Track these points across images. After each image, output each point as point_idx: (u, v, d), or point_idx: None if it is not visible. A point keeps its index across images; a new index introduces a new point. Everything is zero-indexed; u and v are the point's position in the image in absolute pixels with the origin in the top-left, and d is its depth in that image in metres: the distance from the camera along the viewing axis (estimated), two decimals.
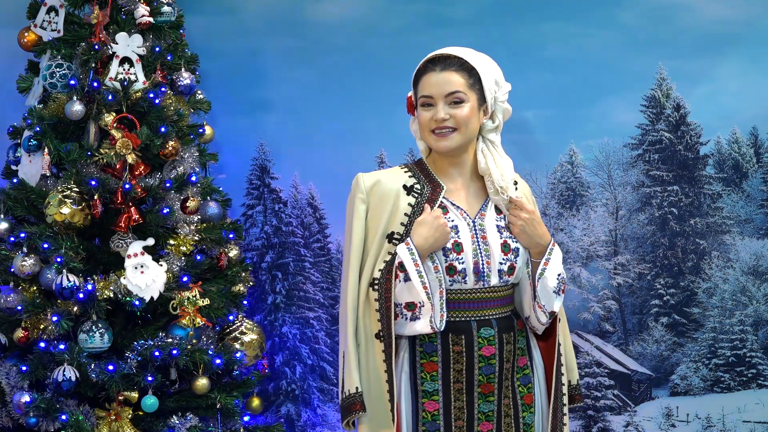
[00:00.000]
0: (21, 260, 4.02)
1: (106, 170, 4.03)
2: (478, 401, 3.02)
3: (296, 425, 4.93)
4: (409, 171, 3.12)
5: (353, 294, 3.01)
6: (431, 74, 3.02)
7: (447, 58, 3.03)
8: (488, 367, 3.02)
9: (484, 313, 3.03)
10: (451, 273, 3.00)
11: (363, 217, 3.05)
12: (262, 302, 4.96)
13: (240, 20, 4.89)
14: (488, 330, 3.02)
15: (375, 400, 2.97)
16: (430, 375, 3.02)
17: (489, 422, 3.03)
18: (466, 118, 3.01)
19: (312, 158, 4.91)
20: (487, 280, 3.03)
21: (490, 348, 3.02)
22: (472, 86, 3.02)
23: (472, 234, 3.04)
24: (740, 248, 4.85)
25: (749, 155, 4.87)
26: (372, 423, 2.98)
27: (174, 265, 4.07)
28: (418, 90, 3.06)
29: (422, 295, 2.93)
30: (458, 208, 3.07)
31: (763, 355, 4.82)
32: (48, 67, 4.14)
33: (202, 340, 4.12)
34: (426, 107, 3.02)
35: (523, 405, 3.09)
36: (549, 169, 4.89)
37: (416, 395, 3.03)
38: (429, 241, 2.97)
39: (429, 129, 3.02)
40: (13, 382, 4.03)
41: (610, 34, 4.81)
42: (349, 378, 2.98)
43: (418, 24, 4.83)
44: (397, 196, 3.05)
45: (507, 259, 3.04)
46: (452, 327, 3.01)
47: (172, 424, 4.00)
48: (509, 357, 3.05)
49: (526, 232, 3.04)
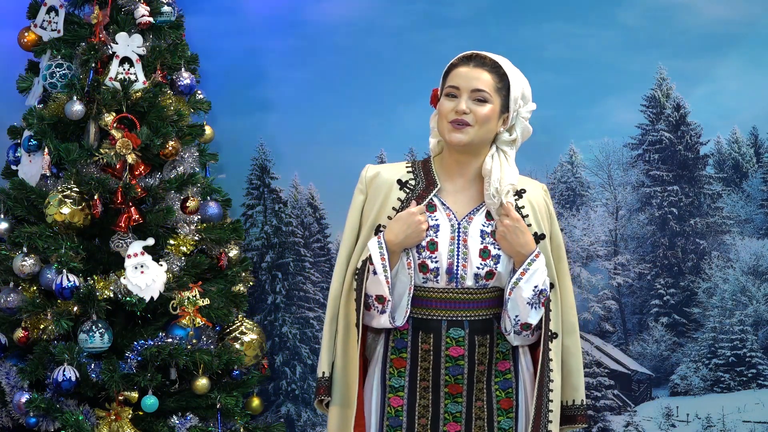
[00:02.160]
0: (21, 260, 4.02)
1: (106, 170, 4.04)
2: (444, 401, 3.02)
3: (296, 425, 4.93)
4: (412, 167, 3.13)
5: (337, 282, 3.08)
6: (463, 67, 3.03)
7: (483, 58, 3.05)
8: (456, 368, 3.01)
9: (456, 313, 3.02)
10: (424, 270, 3.01)
11: (359, 208, 3.09)
12: (262, 302, 4.96)
13: (240, 20, 4.89)
14: (458, 331, 3.02)
15: (347, 386, 3.03)
16: (398, 371, 3.04)
17: (457, 423, 3.02)
18: (486, 117, 3.00)
19: (312, 158, 4.91)
20: (460, 281, 3.02)
21: (459, 349, 3.01)
22: (498, 90, 3.02)
23: (452, 235, 3.03)
24: (740, 248, 4.85)
25: (749, 155, 4.86)
26: (341, 407, 3.03)
27: (174, 265, 4.08)
28: (446, 81, 3.06)
29: (385, 289, 2.96)
30: (447, 209, 3.06)
31: (763, 355, 4.82)
32: (48, 67, 4.14)
33: (202, 340, 4.12)
34: (450, 97, 3.02)
35: (499, 409, 3.05)
36: (549, 169, 4.89)
37: (384, 390, 3.05)
38: (399, 237, 2.98)
39: (447, 119, 3.01)
40: (13, 382, 4.04)
41: (610, 34, 4.81)
42: (320, 363, 3.08)
43: (418, 24, 4.83)
44: (389, 189, 3.07)
45: (485, 264, 3.02)
46: (422, 325, 3.02)
47: (172, 424, 4.00)
48: (482, 359, 3.03)
49: (506, 239, 3.01)
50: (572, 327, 3.15)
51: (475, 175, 3.09)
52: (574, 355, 3.15)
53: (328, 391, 3.05)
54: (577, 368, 3.16)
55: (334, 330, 3.08)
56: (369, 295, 3.01)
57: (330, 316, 3.08)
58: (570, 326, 3.14)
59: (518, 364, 3.10)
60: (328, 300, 3.10)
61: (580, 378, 3.18)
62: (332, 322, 3.08)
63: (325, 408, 3.09)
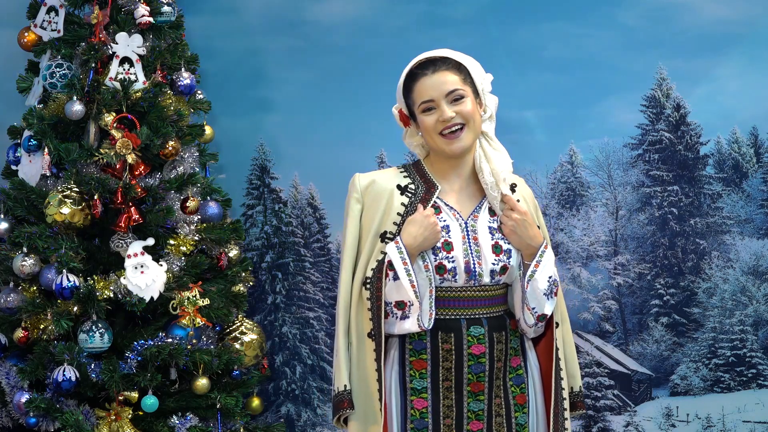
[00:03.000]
0: (21, 260, 4.02)
1: (106, 170, 4.04)
2: (467, 400, 3.02)
3: (296, 425, 4.93)
4: (405, 171, 3.13)
5: (346, 293, 3.05)
6: (424, 79, 3.03)
7: (434, 61, 3.05)
8: (478, 366, 3.02)
9: (474, 311, 3.03)
10: (441, 272, 3.01)
11: (357, 217, 3.08)
12: (262, 302, 4.96)
13: (240, 20, 4.89)
14: (478, 328, 3.02)
15: (366, 398, 2.99)
16: (419, 373, 3.03)
17: (479, 421, 3.03)
18: (471, 112, 3.02)
19: (312, 158, 4.91)
20: (478, 279, 3.03)
21: (480, 346, 3.02)
22: (465, 81, 3.04)
23: (463, 235, 3.04)
24: (740, 248, 4.85)
25: (749, 155, 4.87)
26: (361, 421, 3.00)
27: (174, 265, 4.08)
28: (413, 99, 3.06)
29: (410, 294, 2.95)
30: (451, 209, 3.07)
31: (763, 355, 4.82)
32: (48, 67, 4.14)
33: (202, 340, 4.12)
34: (428, 112, 3.03)
35: (515, 405, 3.08)
36: (549, 169, 4.89)
37: (405, 393, 3.04)
38: (418, 240, 2.98)
39: (437, 132, 3.02)
40: (13, 382, 4.03)
41: (610, 34, 4.81)
42: (338, 376, 3.02)
43: (418, 24, 4.83)
44: (390, 196, 3.06)
45: (499, 260, 3.04)
46: (442, 325, 3.02)
47: (172, 424, 4.00)
48: (500, 356, 3.04)
49: (516, 233, 3.04)
50: (563, 315, 3.19)
51: (470, 173, 3.10)
52: (568, 343, 3.19)
53: (352, 403, 3.00)
54: (572, 356, 3.20)
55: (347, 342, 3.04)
56: (387, 303, 3.00)
57: (343, 329, 3.04)
58: (562, 315, 3.18)
59: (527, 359, 3.13)
60: (338, 312, 3.06)
61: (576, 365, 3.22)
62: (345, 334, 3.04)
63: (343, 425, 3.04)
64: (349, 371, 3.02)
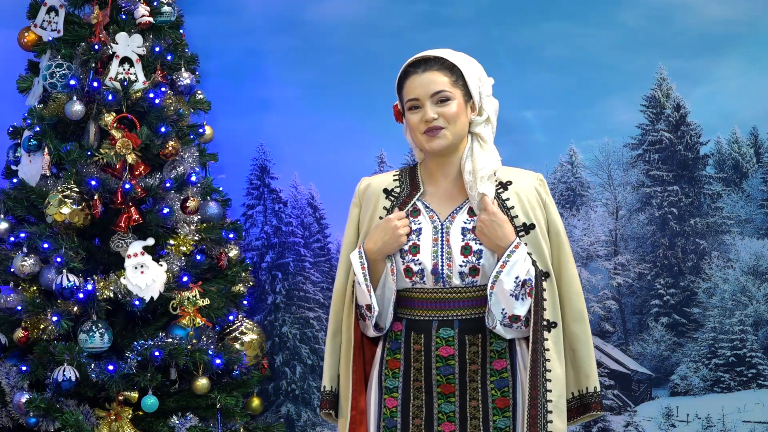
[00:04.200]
0: (21, 260, 4.02)
1: (106, 170, 4.04)
2: (438, 401, 3.02)
3: (296, 425, 4.93)
4: (399, 175, 3.15)
5: (337, 296, 3.12)
6: (414, 77, 3.03)
7: (427, 60, 3.04)
8: (446, 368, 3.01)
9: (446, 313, 3.03)
10: (409, 274, 3.02)
11: (355, 221, 3.13)
12: (262, 302, 4.96)
13: (240, 20, 4.89)
14: (447, 330, 3.02)
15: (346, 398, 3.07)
16: (393, 372, 3.06)
17: (451, 423, 3.02)
18: (455, 115, 3.00)
19: (312, 158, 4.91)
20: (447, 281, 3.02)
21: (449, 348, 3.01)
22: (455, 83, 3.02)
23: (435, 237, 3.03)
24: (740, 248, 4.85)
25: (749, 155, 4.87)
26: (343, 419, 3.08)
27: (174, 265, 4.07)
28: (403, 95, 3.07)
29: (366, 297, 3.01)
30: (431, 211, 3.07)
31: (763, 355, 4.82)
32: (48, 67, 4.14)
33: (202, 340, 4.12)
34: (414, 110, 3.03)
35: (494, 408, 3.03)
36: (549, 169, 4.89)
37: (381, 391, 3.07)
38: (378, 245, 3.01)
39: (420, 131, 3.02)
40: (13, 382, 4.03)
41: (610, 34, 4.81)
42: (324, 376, 3.13)
43: (418, 24, 4.83)
44: (377, 199, 3.10)
45: (467, 261, 3.01)
46: (414, 326, 3.04)
47: (172, 424, 4.00)
48: (474, 359, 3.02)
49: (484, 234, 3.00)
50: (580, 314, 3.10)
51: (456, 175, 3.09)
52: (584, 342, 3.10)
53: (329, 404, 3.12)
54: (588, 355, 3.10)
55: (338, 344, 3.12)
56: (360, 306, 3.05)
57: (332, 331, 3.13)
58: (578, 313, 3.09)
59: (515, 362, 3.08)
60: (330, 314, 3.14)
61: (592, 365, 3.12)
62: (335, 336, 3.12)
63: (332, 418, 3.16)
64: (337, 372, 3.11)
